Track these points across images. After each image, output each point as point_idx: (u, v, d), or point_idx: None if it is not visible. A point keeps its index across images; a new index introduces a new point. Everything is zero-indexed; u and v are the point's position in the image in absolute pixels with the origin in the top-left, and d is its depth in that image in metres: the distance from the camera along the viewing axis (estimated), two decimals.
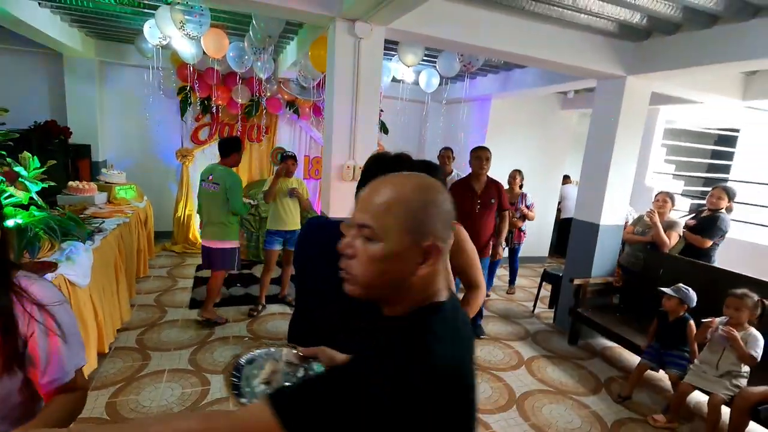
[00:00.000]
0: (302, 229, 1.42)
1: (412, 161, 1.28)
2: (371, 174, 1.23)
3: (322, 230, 1.32)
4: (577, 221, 4.01)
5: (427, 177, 0.75)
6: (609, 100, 3.68)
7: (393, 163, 1.23)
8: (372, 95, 2.82)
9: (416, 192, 0.70)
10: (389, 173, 1.21)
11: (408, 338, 0.67)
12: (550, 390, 3.03)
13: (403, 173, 0.75)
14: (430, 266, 0.70)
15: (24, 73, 4.97)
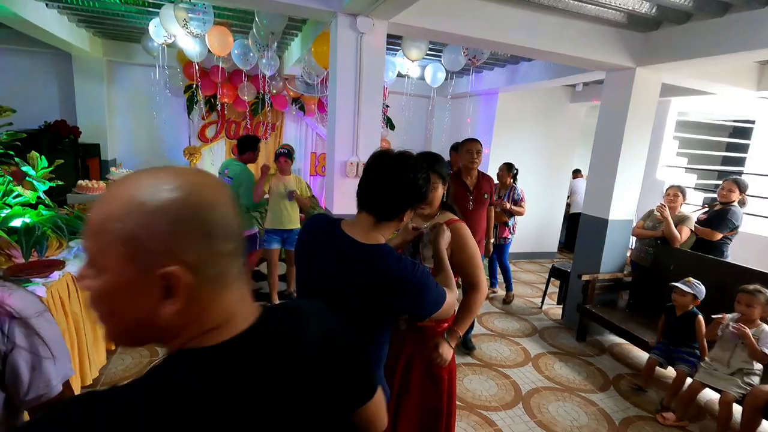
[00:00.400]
0: (304, 224, 1.41)
1: (415, 159, 1.26)
2: (371, 174, 1.22)
3: (321, 225, 1.31)
4: (586, 216, 3.95)
5: (174, 174, 0.53)
6: (618, 93, 3.61)
7: (396, 161, 1.21)
8: (375, 91, 2.80)
9: (142, 201, 0.49)
10: (391, 172, 1.21)
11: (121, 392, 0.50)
12: (557, 387, 3.00)
13: (145, 171, 0.54)
14: (179, 303, 0.50)
15: (34, 72, 5.04)
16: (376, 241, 1.20)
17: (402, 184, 1.18)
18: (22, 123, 4.80)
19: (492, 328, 3.87)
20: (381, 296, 1.16)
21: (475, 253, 1.59)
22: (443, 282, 1.38)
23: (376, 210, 1.20)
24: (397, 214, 1.22)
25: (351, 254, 1.19)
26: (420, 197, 1.24)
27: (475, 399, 2.78)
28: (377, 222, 1.20)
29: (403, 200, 1.20)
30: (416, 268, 1.19)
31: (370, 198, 1.20)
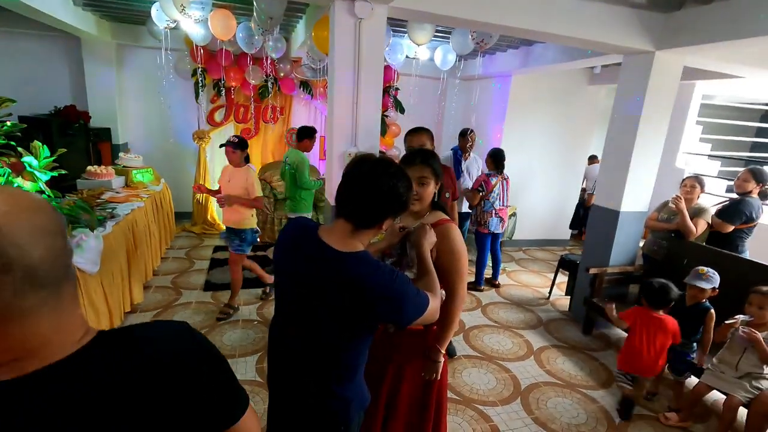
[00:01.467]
0: (284, 227, 1.39)
1: (397, 166, 1.21)
2: (350, 180, 1.17)
3: (299, 230, 1.28)
4: (597, 207, 3.82)
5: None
6: (635, 78, 3.41)
7: (376, 167, 1.16)
8: (374, 79, 2.71)
9: None
10: (370, 179, 1.16)
11: None
12: (557, 382, 2.96)
13: None
14: None
15: (45, 57, 5.07)
16: (352, 248, 1.17)
17: (382, 191, 1.14)
18: (34, 108, 4.88)
19: (496, 320, 3.83)
20: (355, 305, 1.13)
21: (461, 259, 1.52)
22: (426, 286, 1.33)
23: (353, 217, 1.16)
24: (375, 222, 1.18)
25: (325, 261, 1.16)
26: (401, 205, 1.20)
27: (473, 393, 2.76)
28: (355, 229, 1.17)
29: (382, 208, 1.16)
30: (394, 276, 1.15)
31: (348, 205, 1.17)
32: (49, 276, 0.54)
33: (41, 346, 0.55)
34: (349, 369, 1.25)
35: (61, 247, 0.57)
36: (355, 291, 1.12)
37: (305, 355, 1.24)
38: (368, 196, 1.14)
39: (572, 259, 4.21)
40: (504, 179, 4.27)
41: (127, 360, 0.60)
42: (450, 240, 1.53)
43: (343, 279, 1.13)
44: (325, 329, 1.19)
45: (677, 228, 3.46)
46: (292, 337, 1.26)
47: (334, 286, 1.14)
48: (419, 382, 1.66)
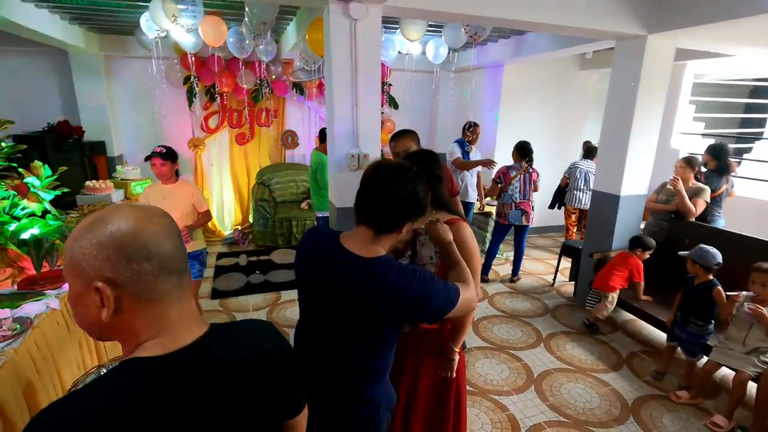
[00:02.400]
0: (302, 237, 1.40)
1: (415, 170, 1.22)
2: (370, 186, 1.19)
3: (319, 239, 1.29)
4: (597, 192, 3.85)
5: (110, 212, 0.67)
6: (628, 63, 3.44)
7: (396, 173, 1.17)
8: (373, 79, 2.71)
9: (78, 231, 0.65)
10: (390, 184, 1.17)
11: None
12: (569, 368, 3.00)
13: (99, 211, 0.69)
14: (109, 311, 0.64)
15: (33, 73, 5.01)
16: (376, 253, 1.19)
17: (402, 196, 1.15)
18: (26, 125, 4.83)
19: (503, 309, 3.87)
20: (385, 310, 1.15)
21: (474, 258, 1.53)
22: (458, 277, 1.35)
23: (376, 223, 1.18)
24: (396, 227, 1.20)
25: (351, 269, 1.17)
26: (420, 209, 1.22)
27: (487, 384, 2.81)
28: (376, 235, 1.19)
29: (403, 212, 1.18)
30: (417, 275, 1.17)
31: (369, 211, 1.18)
32: (176, 265, 0.69)
33: (171, 330, 0.69)
34: (377, 372, 1.27)
35: (181, 243, 0.71)
36: (384, 295, 1.14)
37: (334, 361, 1.26)
38: (388, 202, 1.15)
39: (574, 245, 4.26)
40: (527, 172, 4.18)
41: (237, 350, 0.74)
42: (460, 239, 1.55)
43: (372, 285, 1.15)
44: (353, 335, 1.21)
45: (677, 209, 3.51)
46: (319, 343, 1.28)
47: (362, 292, 1.15)
48: (437, 379, 1.69)
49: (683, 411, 2.59)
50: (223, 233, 5.88)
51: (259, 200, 5.49)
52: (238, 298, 3.97)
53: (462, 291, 1.26)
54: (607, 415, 2.55)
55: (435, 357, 1.63)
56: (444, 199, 1.65)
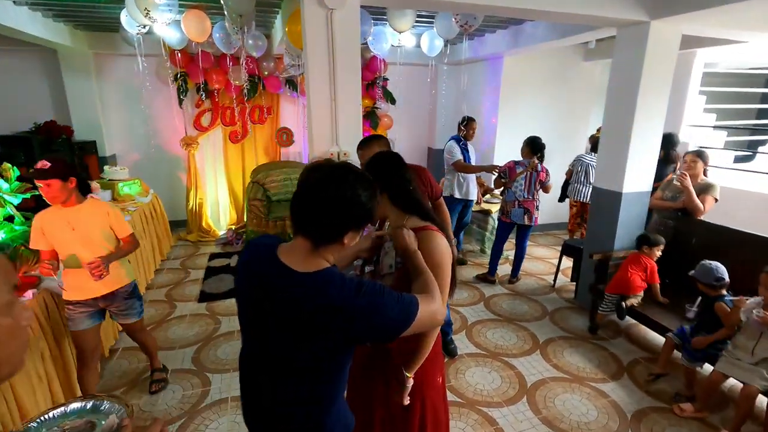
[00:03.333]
0: (242, 251, 1.26)
1: (357, 172, 1.07)
2: (303, 191, 1.04)
3: (257, 252, 1.15)
4: (598, 189, 3.65)
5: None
6: (630, 51, 3.23)
7: (332, 175, 1.02)
8: (352, 72, 2.56)
9: None
10: (325, 188, 0.99)
11: None
12: (565, 377, 2.83)
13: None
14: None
15: (22, 73, 4.95)
16: (316, 266, 1.04)
17: (339, 202, 1.00)
18: (15, 126, 4.79)
19: (500, 313, 3.70)
20: (326, 329, 1.01)
21: (440, 270, 1.34)
22: (420, 287, 1.20)
23: (310, 233, 1.03)
24: (336, 237, 1.04)
25: (287, 286, 1.03)
26: (364, 215, 1.06)
27: (476, 394, 2.65)
28: (315, 247, 1.04)
29: (341, 220, 1.02)
30: (362, 289, 1.02)
31: (303, 220, 1.04)
32: None
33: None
34: (326, 397, 1.13)
35: None
36: (323, 315, 1.00)
37: (277, 387, 1.12)
38: (322, 209, 1.00)
39: (575, 244, 4.06)
40: (535, 170, 3.95)
41: None
42: (426, 249, 1.37)
43: (309, 304, 1.01)
44: (295, 358, 1.07)
45: (684, 206, 3.30)
46: (261, 369, 1.15)
47: (299, 313, 1.02)
48: (394, 405, 1.53)
49: (687, 426, 2.40)
50: (218, 233, 5.79)
51: (252, 199, 5.37)
52: (225, 302, 3.86)
53: (422, 303, 1.11)
54: (605, 429, 2.38)
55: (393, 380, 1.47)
56: (416, 203, 1.48)
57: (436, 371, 1.57)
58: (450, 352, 3.03)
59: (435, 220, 1.46)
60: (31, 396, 2.06)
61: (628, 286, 3.11)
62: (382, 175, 1.45)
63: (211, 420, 2.42)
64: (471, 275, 4.48)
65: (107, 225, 2.23)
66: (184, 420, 2.41)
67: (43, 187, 2.02)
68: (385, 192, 1.44)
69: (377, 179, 1.46)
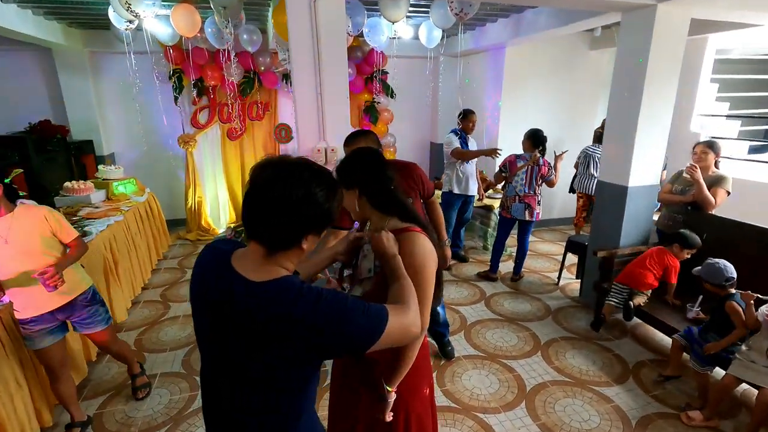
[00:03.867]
0: (197, 258, 1.16)
1: (314, 169, 0.96)
2: (251, 191, 0.93)
3: (212, 259, 1.05)
4: (602, 184, 3.49)
5: None
6: (636, 37, 3.06)
7: (282, 173, 0.91)
8: (338, 63, 2.44)
9: None
10: (275, 188, 0.90)
11: None
12: (567, 380, 2.71)
13: None
14: None
15: (18, 73, 4.93)
16: (271, 275, 0.94)
17: (291, 202, 0.89)
18: (12, 126, 4.76)
19: (501, 312, 3.58)
20: (284, 344, 0.91)
21: (421, 276, 1.21)
22: (395, 296, 1.09)
23: (262, 238, 0.93)
24: (291, 242, 0.94)
25: (240, 295, 0.93)
26: (322, 217, 0.95)
27: (473, 399, 2.54)
28: (270, 252, 0.94)
29: (296, 224, 0.91)
30: (321, 299, 0.91)
31: (253, 224, 0.93)
32: None
33: None
34: (289, 409, 1.03)
35: None
36: (278, 324, 0.90)
37: (235, 393, 1.02)
38: (274, 210, 0.89)
39: (580, 240, 3.91)
40: (537, 164, 3.79)
41: None
42: (406, 252, 1.24)
43: (262, 314, 0.91)
44: (249, 368, 0.97)
45: (694, 200, 3.13)
46: (221, 372, 1.05)
47: (252, 323, 0.92)
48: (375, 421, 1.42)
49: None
50: (217, 232, 5.74)
51: None
52: None
53: (393, 314, 0.99)
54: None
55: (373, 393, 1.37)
56: (395, 203, 1.36)
57: (422, 382, 1.46)
58: (447, 354, 2.92)
59: (418, 221, 1.34)
60: (9, 404, 2.00)
61: (639, 281, 2.96)
62: (359, 173, 1.34)
63: (197, 426, 2.35)
64: (472, 273, 4.35)
65: (47, 231, 2.01)
66: (169, 426, 2.35)
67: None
68: (363, 192, 1.34)
69: (354, 178, 1.36)
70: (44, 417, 2.27)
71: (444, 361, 2.89)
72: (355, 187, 1.32)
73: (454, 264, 4.58)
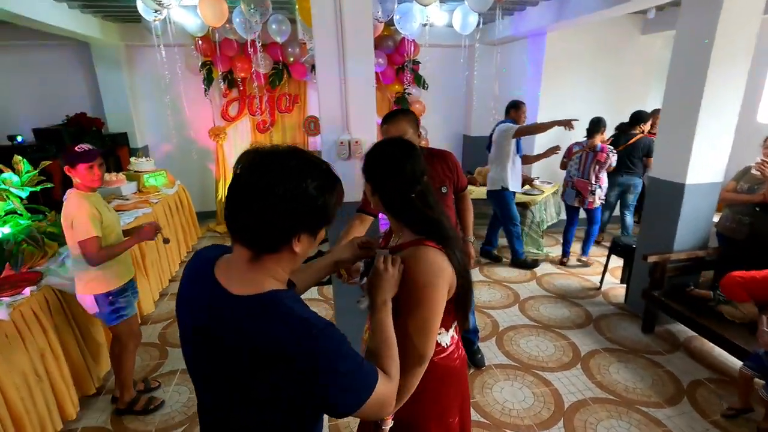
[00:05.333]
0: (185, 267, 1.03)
1: (306, 158, 0.81)
2: (235, 183, 0.78)
3: (198, 267, 0.91)
4: (655, 180, 3.16)
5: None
6: (700, 17, 2.71)
7: (269, 163, 0.77)
8: (364, 51, 2.27)
9: None
10: (260, 179, 0.76)
11: None
12: (611, 398, 2.45)
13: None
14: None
15: (58, 66, 5.06)
16: (257, 288, 0.79)
17: (274, 194, 0.74)
18: (53, 119, 4.91)
19: (536, 318, 3.33)
20: (264, 375, 0.76)
21: (423, 291, 1.03)
22: (375, 357, 0.91)
23: (246, 239, 0.79)
24: (279, 243, 0.79)
25: (219, 312, 0.80)
26: (315, 213, 0.79)
27: (504, 414, 2.34)
28: (256, 257, 0.79)
29: (281, 220, 0.76)
30: (320, 330, 0.76)
31: (235, 220, 0.78)
32: None
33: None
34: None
35: None
36: (258, 351, 0.76)
37: (232, 414, 0.89)
38: (255, 203, 0.75)
39: (627, 242, 3.59)
40: (592, 150, 3.85)
41: None
42: (411, 269, 1.05)
43: (242, 336, 0.77)
44: (241, 412, 0.84)
45: (764, 200, 2.77)
46: (215, 418, 0.92)
47: (232, 350, 0.78)
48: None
49: None
50: None
51: None
52: None
53: (380, 381, 0.83)
54: None
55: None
56: (413, 212, 1.12)
57: (449, 410, 1.26)
58: (476, 363, 2.72)
59: (437, 234, 1.11)
60: (28, 398, 1.99)
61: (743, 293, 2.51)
62: (377, 169, 1.16)
63: None
64: (506, 273, 4.11)
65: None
66: (187, 426, 2.29)
67: (92, 168, 2.02)
68: (376, 190, 1.17)
69: (370, 172, 1.19)
70: (68, 411, 2.25)
71: (473, 370, 2.69)
72: (370, 182, 1.17)
73: (486, 264, 4.35)
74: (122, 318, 2.17)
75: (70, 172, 2.02)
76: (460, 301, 1.15)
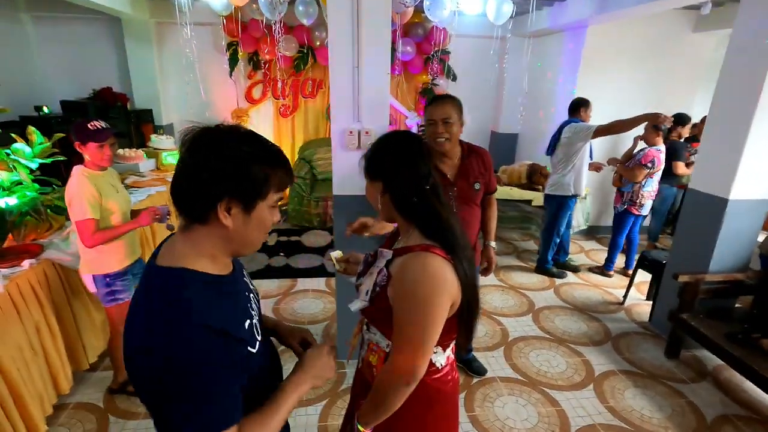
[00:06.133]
0: None
1: (241, 132, 0.79)
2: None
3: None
4: (694, 193, 2.89)
5: None
6: (760, 14, 2.41)
7: (202, 133, 0.75)
8: (379, 35, 2.13)
9: None
10: (188, 148, 0.74)
11: None
12: (623, 427, 2.26)
13: None
14: None
15: (90, 40, 5.12)
16: (174, 260, 0.75)
17: (199, 154, 0.73)
18: (82, 91, 4.99)
19: (550, 330, 3.14)
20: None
21: (422, 303, 0.93)
22: (257, 413, 0.79)
23: (177, 204, 0.76)
24: (203, 209, 0.74)
25: (142, 285, 0.79)
26: (236, 178, 0.73)
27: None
28: (187, 227, 0.77)
29: (202, 181, 0.72)
30: (171, 335, 0.68)
31: (172, 187, 0.77)
32: None
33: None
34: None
35: None
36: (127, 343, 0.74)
37: None
38: (182, 168, 0.74)
39: (656, 257, 3.33)
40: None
41: None
42: (404, 275, 0.96)
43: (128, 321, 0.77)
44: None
45: None
46: None
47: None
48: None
49: None
50: None
51: (296, 177, 5.19)
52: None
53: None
54: None
55: None
56: (427, 211, 1.02)
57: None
58: (476, 370, 2.58)
59: (448, 241, 0.99)
60: (24, 370, 1.99)
61: None
62: (388, 161, 1.05)
63: None
64: (523, 279, 3.91)
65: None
66: None
67: (102, 148, 1.96)
68: (388, 187, 1.04)
69: (380, 167, 1.05)
70: (61, 385, 2.25)
71: (475, 381, 2.55)
72: (380, 179, 1.05)
73: (504, 267, 4.16)
74: (117, 302, 2.12)
75: (80, 148, 1.98)
76: (463, 319, 1.03)
